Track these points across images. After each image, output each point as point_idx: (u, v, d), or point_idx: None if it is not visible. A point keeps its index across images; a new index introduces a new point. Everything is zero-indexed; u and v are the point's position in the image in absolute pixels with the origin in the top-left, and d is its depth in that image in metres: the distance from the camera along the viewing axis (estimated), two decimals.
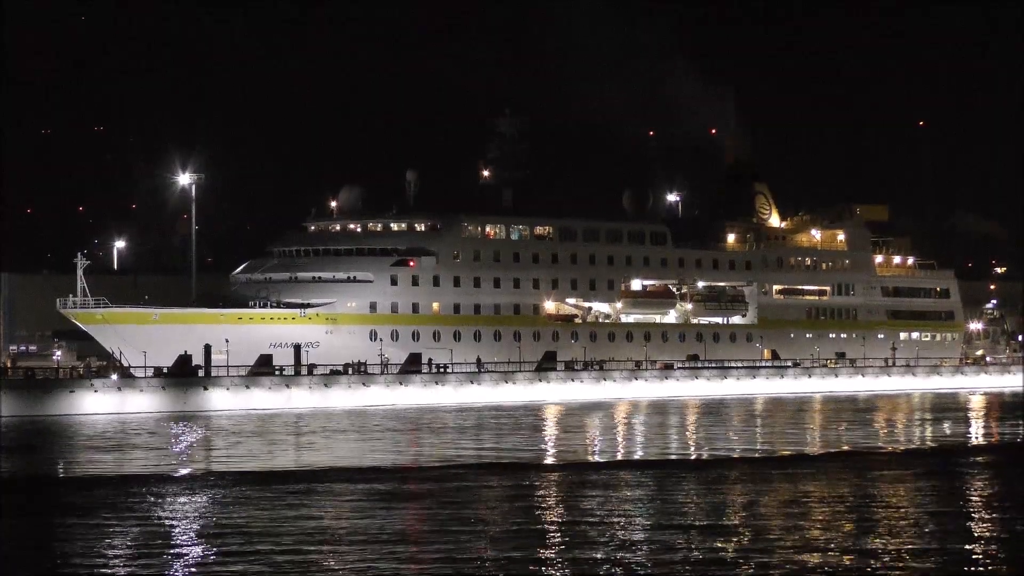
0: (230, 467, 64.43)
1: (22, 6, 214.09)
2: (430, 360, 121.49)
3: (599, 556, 39.54)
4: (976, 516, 47.61)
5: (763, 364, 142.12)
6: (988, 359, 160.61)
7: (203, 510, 49.01)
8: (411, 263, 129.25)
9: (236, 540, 42.07)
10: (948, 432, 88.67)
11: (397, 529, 44.39)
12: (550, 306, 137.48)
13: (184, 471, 62.75)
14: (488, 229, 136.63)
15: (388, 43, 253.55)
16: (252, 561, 38.80)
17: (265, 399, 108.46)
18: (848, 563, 38.41)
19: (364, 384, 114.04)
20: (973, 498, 52.69)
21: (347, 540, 42.25)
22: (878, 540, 42.04)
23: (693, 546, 41.01)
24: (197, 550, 40.72)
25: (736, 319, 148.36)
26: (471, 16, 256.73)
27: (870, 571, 37.43)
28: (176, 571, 37.84)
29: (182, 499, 51.95)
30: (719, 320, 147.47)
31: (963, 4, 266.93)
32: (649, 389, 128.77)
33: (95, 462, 67.52)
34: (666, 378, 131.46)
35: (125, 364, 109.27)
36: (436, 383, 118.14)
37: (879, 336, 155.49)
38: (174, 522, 46.10)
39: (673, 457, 71.22)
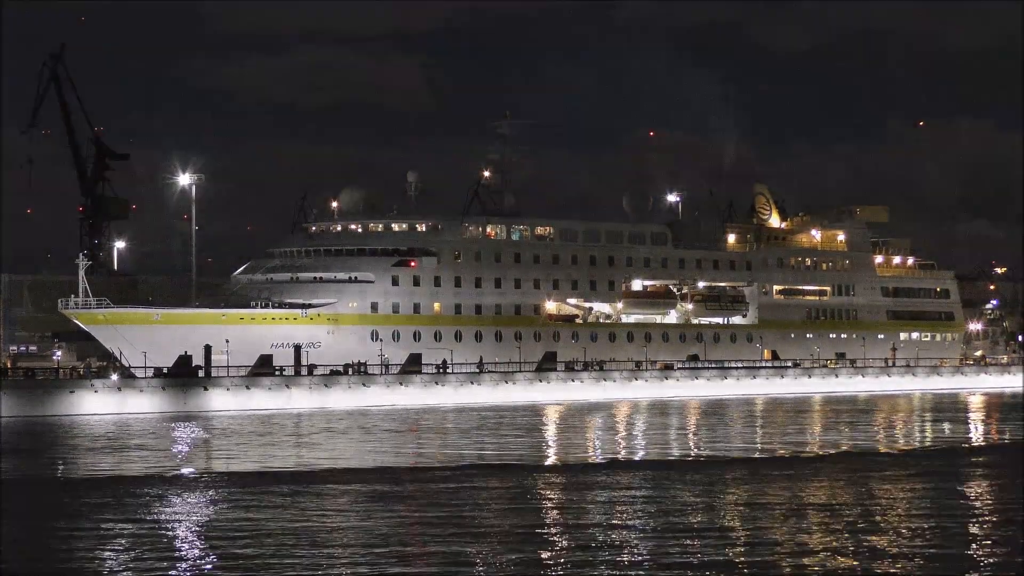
0: (230, 467, 64.47)
1: (21, 6, 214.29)
2: (444, 360, 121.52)
3: (598, 556, 39.58)
4: (975, 517, 47.65)
5: (763, 364, 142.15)
6: (988, 359, 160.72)
7: (202, 511, 49.04)
8: (412, 263, 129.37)
9: (235, 541, 42.11)
10: (948, 433, 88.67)
11: (395, 530, 44.41)
12: (551, 306, 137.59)
13: (183, 471, 62.75)
14: (489, 229, 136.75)
15: (388, 43, 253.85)
16: (251, 562, 38.85)
17: (265, 399, 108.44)
18: (847, 564, 38.44)
19: (364, 385, 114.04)
20: (972, 499, 52.71)
21: (345, 542, 42.28)
22: (877, 541, 42.08)
23: (692, 547, 41.04)
24: (196, 551, 40.76)
25: (736, 319, 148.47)
26: (472, 15, 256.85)
27: (869, 572, 37.47)
28: (176, 572, 37.89)
29: (182, 500, 51.98)
30: (719, 320, 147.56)
31: (963, 4, 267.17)
32: (649, 389, 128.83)
33: (95, 463, 67.50)
34: (666, 379, 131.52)
35: (125, 364, 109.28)
36: (436, 383, 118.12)
37: (879, 336, 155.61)
38: (173, 523, 46.15)
39: (673, 457, 71.23)
